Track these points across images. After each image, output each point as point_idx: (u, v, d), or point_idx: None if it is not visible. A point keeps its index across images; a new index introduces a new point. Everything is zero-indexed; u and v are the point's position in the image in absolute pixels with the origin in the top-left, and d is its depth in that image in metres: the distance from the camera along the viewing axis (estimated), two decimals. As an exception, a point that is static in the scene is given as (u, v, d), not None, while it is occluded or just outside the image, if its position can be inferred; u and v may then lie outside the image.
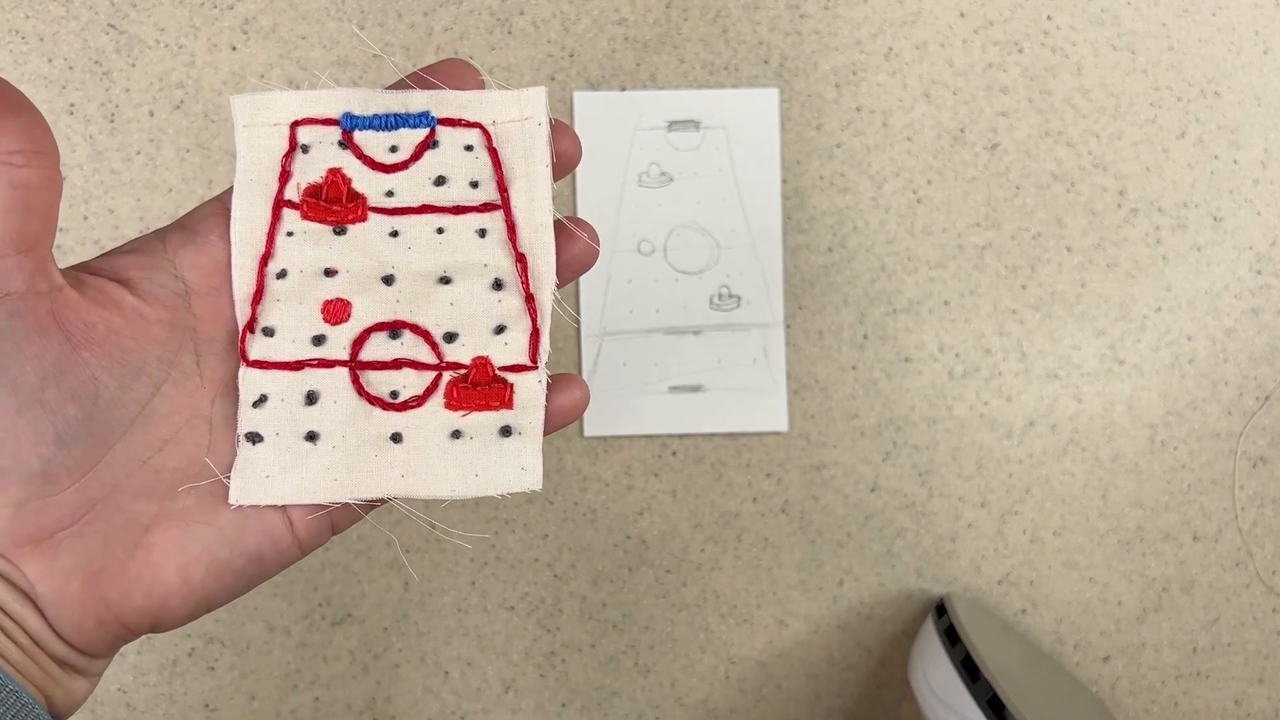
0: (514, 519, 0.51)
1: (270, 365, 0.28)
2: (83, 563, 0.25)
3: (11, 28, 0.49)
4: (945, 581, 0.52)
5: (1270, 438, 0.53)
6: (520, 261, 0.29)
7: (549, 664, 0.51)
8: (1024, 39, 0.52)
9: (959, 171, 0.52)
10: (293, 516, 0.28)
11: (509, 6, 0.51)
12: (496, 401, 0.28)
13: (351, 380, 0.28)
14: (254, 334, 0.28)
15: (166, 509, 0.26)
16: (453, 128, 0.29)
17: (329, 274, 0.29)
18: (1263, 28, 0.53)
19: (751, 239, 0.50)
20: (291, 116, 0.29)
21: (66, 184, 0.50)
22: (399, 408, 0.28)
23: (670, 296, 0.50)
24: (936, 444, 0.52)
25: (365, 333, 0.29)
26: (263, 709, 0.50)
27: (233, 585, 0.27)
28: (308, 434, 0.28)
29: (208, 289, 0.28)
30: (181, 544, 0.26)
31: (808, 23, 0.52)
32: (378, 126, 0.29)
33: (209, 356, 0.28)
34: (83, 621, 0.26)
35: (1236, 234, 0.53)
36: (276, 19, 0.50)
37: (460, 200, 0.29)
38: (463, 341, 0.29)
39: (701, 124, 0.50)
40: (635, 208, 0.50)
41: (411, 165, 0.29)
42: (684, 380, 0.50)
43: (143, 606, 0.26)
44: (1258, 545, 0.53)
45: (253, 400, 0.28)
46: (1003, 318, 0.52)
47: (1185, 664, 0.53)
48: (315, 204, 0.29)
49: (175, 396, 0.27)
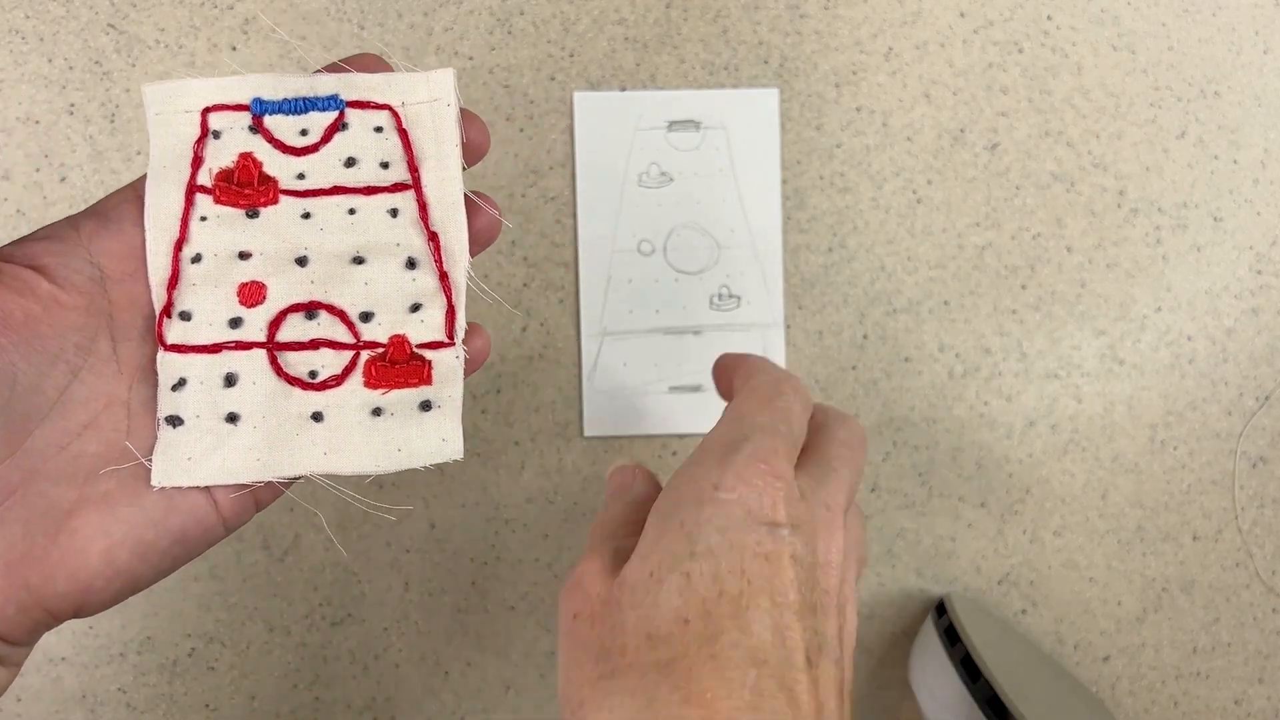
0: (514, 519, 0.51)
1: (188, 349, 0.28)
2: (3, 550, 0.25)
3: (11, 28, 0.49)
4: (945, 581, 0.52)
5: (1270, 438, 0.53)
6: (433, 240, 0.29)
7: (549, 664, 0.51)
8: (1024, 39, 0.52)
9: (959, 172, 0.52)
10: (216, 496, 0.28)
11: (509, 7, 0.51)
12: (415, 378, 0.29)
13: (270, 361, 0.29)
14: (171, 318, 0.28)
15: (88, 493, 0.27)
16: (362, 110, 0.30)
17: (243, 257, 0.29)
18: (1263, 28, 0.53)
19: (751, 239, 0.50)
20: (203, 103, 0.29)
21: (66, 184, 0.50)
22: (318, 387, 0.29)
23: (670, 297, 0.50)
24: (936, 444, 0.52)
25: (281, 314, 0.29)
26: (263, 709, 0.50)
27: (158, 565, 0.27)
28: (228, 415, 0.28)
29: (123, 275, 0.28)
30: (105, 527, 0.26)
31: (808, 23, 0.52)
32: (287, 110, 0.29)
33: (126, 342, 0.28)
34: (4, 608, 0.26)
35: (1236, 234, 0.53)
36: (277, 19, 0.50)
37: (371, 181, 0.30)
38: (379, 320, 0.29)
39: (701, 124, 0.50)
40: (635, 208, 0.50)
41: (322, 148, 0.30)
42: (684, 381, 0.50)
43: (66, 591, 0.26)
44: (1258, 545, 0.53)
45: (172, 384, 0.28)
46: (1002, 318, 0.52)
47: (1185, 664, 0.53)
48: (227, 188, 0.29)
49: (93, 382, 0.27)
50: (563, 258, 0.51)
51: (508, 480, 0.51)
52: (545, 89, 0.51)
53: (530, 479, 0.51)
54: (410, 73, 0.30)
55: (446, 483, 0.51)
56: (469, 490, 0.51)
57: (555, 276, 0.50)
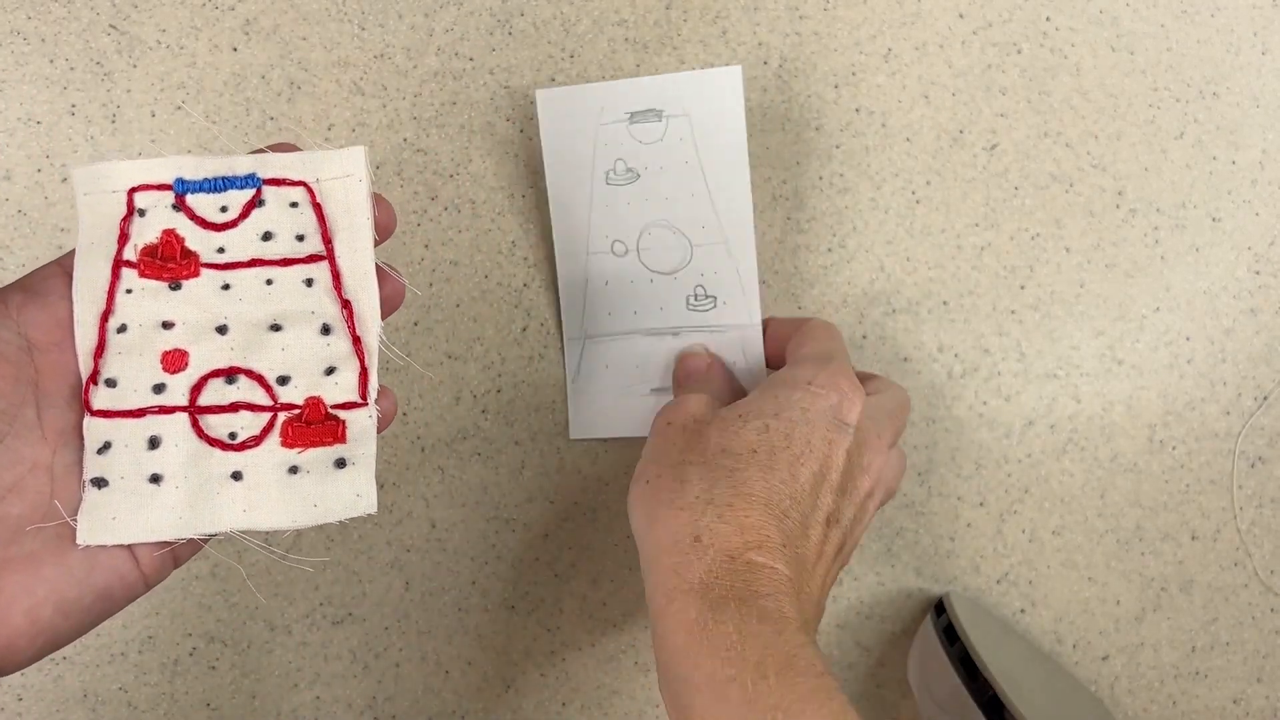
0: (514, 519, 0.51)
1: (113, 414, 0.30)
2: None
3: (13, 28, 0.50)
4: (944, 581, 0.52)
5: (1269, 438, 0.53)
6: (346, 307, 0.31)
7: (549, 663, 0.52)
8: (1023, 40, 0.52)
9: (958, 172, 0.52)
10: (138, 553, 0.29)
11: (509, 7, 0.51)
12: (330, 437, 0.31)
13: (191, 424, 0.30)
14: (97, 385, 0.30)
15: (12, 554, 0.27)
16: (278, 187, 0.32)
17: (166, 326, 0.31)
18: (1261, 29, 0.53)
19: (724, 235, 0.47)
20: (129, 183, 0.31)
21: (67, 185, 0.50)
22: (238, 448, 0.30)
23: (647, 298, 0.47)
24: (935, 444, 0.52)
25: (203, 379, 0.31)
26: (264, 708, 0.50)
27: (81, 622, 0.28)
28: (151, 476, 0.30)
29: (49, 345, 0.29)
30: (28, 586, 0.27)
31: (807, 24, 0.52)
32: (207, 189, 0.31)
33: (50, 409, 0.29)
34: None
35: (1235, 234, 0.53)
36: (278, 20, 0.50)
37: (287, 253, 0.31)
38: (295, 383, 0.31)
39: (664, 113, 0.46)
40: (606, 207, 0.47)
41: (240, 223, 0.31)
42: (666, 382, 0.48)
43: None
44: (1256, 545, 0.53)
45: (97, 447, 0.29)
46: (1001, 318, 0.52)
47: (1184, 663, 0.53)
48: (151, 262, 0.31)
49: (17, 448, 0.28)
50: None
51: (508, 480, 0.51)
52: (545, 90, 0.51)
53: (530, 479, 0.51)
54: (323, 150, 0.32)
55: (447, 483, 0.51)
56: (469, 490, 0.51)
57: (555, 276, 0.51)
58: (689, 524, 0.33)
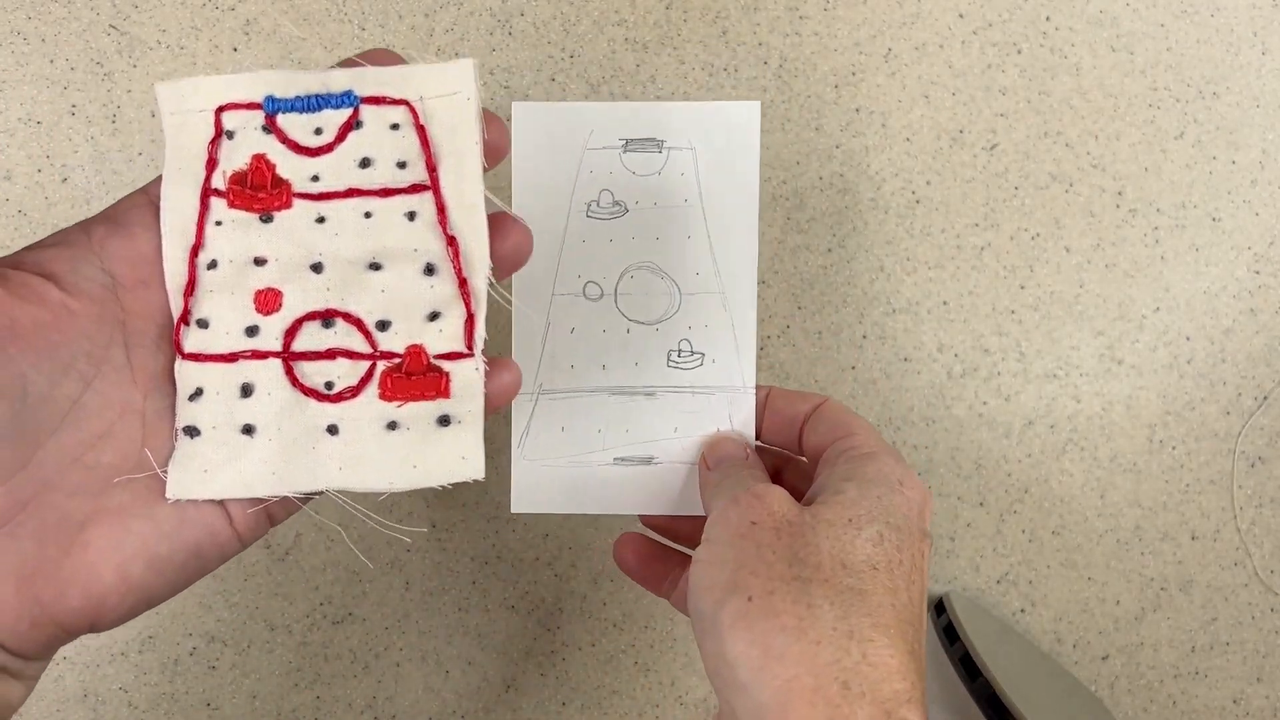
0: (514, 519, 0.51)
1: (205, 358, 0.28)
2: (15, 564, 0.25)
3: (13, 29, 0.50)
4: (944, 580, 0.52)
5: (1268, 437, 0.53)
6: (451, 245, 0.28)
7: (549, 663, 0.52)
8: (1023, 40, 0.52)
9: (958, 172, 0.52)
10: (231, 510, 0.27)
11: (509, 8, 0.51)
12: (432, 391, 0.28)
13: (285, 372, 0.28)
14: (188, 326, 0.28)
15: (102, 505, 0.26)
16: (377, 106, 0.28)
17: (259, 263, 0.28)
18: (1261, 29, 0.53)
19: (721, 286, 0.41)
20: (216, 102, 0.28)
21: (68, 184, 0.50)
22: (334, 399, 0.28)
23: (621, 350, 0.41)
24: (935, 443, 0.52)
25: (297, 322, 0.28)
26: (264, 708, 0.50)
27: (173, 580, 0.27)
28: (244, 427, 0.27)
29: (135, 282, 0.27)
30: (118, 541, 0.26)
31: (807, 24, 0.52)
32: (300, 109, 0.28)
33: (139, 350, 0.27)
34: (17, 625, 0.25)
35: (1234, 234, 0.53)
36: (278, 20, 0.50)
37: (387, 182, 0.28)
38: (396, 329, 0.28)
39: (665, 143, 0.41)
40: (582, 243, 0.41)
41: (336, 147, 0.28)
42: (632, 451, 0.41)
43: (80, 607, 0.26)
44: (1255, 545, 0.53)
45: (189, 394, 0.27)
46: (1001, 318, 0.52)
47: (1183, 663, 0.53)
48: (241, 191, 0.28)
49: (107, 392, 0.26)
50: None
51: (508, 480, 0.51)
52: (546, 90, 0.51)
53: (530, 479, 0.51)
54: (427, 65, 0.28)
55: (447, 482, 0.51)
56: (469, 490, 0.51)
57: (555, 277, 0.51)
58: (832, 664, 0.27)
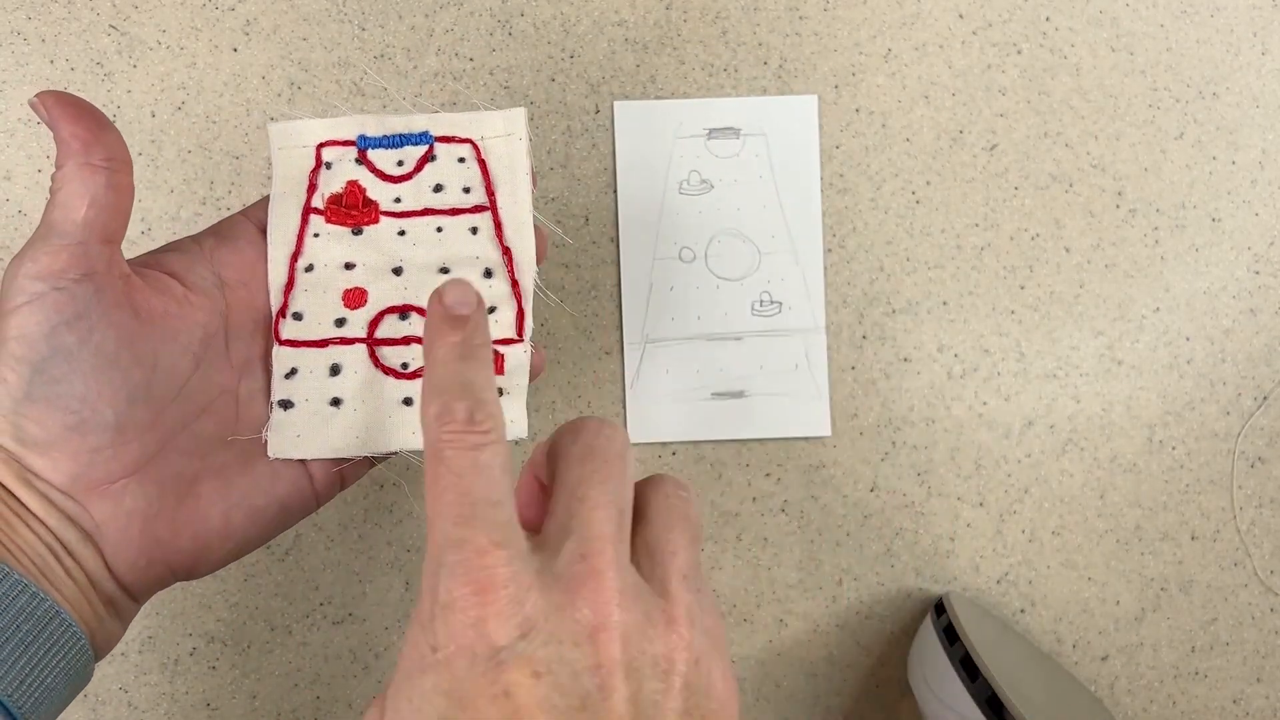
0: (514, 519, 0.51)
1: (300, 343, 0.33)
2: (142, 506, 0.29)
3: (13, 29, 0.50)
4: (944, 581, 0.52)
5: (1268, 438, 0.53)
6: (506, 254, 0.34)
7: (549, 663, 0.52)
8: (1022, 40, 0.52)
9: (957, 172, 0.52)
10: (313, 470, 0.33)
11: (509, 8, 0.51)
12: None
13: (369, 354, 0.33)
14: (285, 318, 0.33)
15: (207, 465, 0.31)
16: (448, 144, 0.35)
17: (348, 267, 0.34)
18: (1261, 29, 0.53)
19: (793, 245, 0.50)
20: (317, 139, 0.35)
21: (68, 185, 0.50)
22: (409, 376, 0.33)
23: (712, 303, 0.50)
24: (935, 444, 0.52)
25: (379, 315, 0.34)
26: (264, 708, 0.50)
27: (264, 530, 0.32)
28: (332, 400, 0.33)
29: (238, 283, 0.33)
30: (224, 493, 0.31)
31: (807, 24, 0.52)
32: (387, 145, 0.35)
33: (236, 340, 0.33)
34: (137, 559, 0.29)
35: (1234, 235, 0.53)
36: (278, 20, 0.50)
37: (455, 204, 0.35)
38: None
39: (741, 131, 0.50)
40: (675, 215, 0.50)
41: (414, 176, 0.35)
42: (727, 387, 0.50)
43: (189, 548, 0.30)
44: (1256, 545, 0.53)
45: (285, 373, 0.33)
46: (1001, 318, 0.52)
47: (1183, 663, 0.53)
48: (337, 209, 0.34)
49: (210, 374, 0.32)
50: (563, 258, 0.51)
51: (508, 480, 0.51)
52: (545, 90, 0.51)
53: (530, 479, 0.51)
54: (488, 111, 0.35)
55: (447, 482, 0.51)
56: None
57: (555, 277, 0.51)
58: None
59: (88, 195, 0.28)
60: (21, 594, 0.27)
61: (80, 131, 0.28)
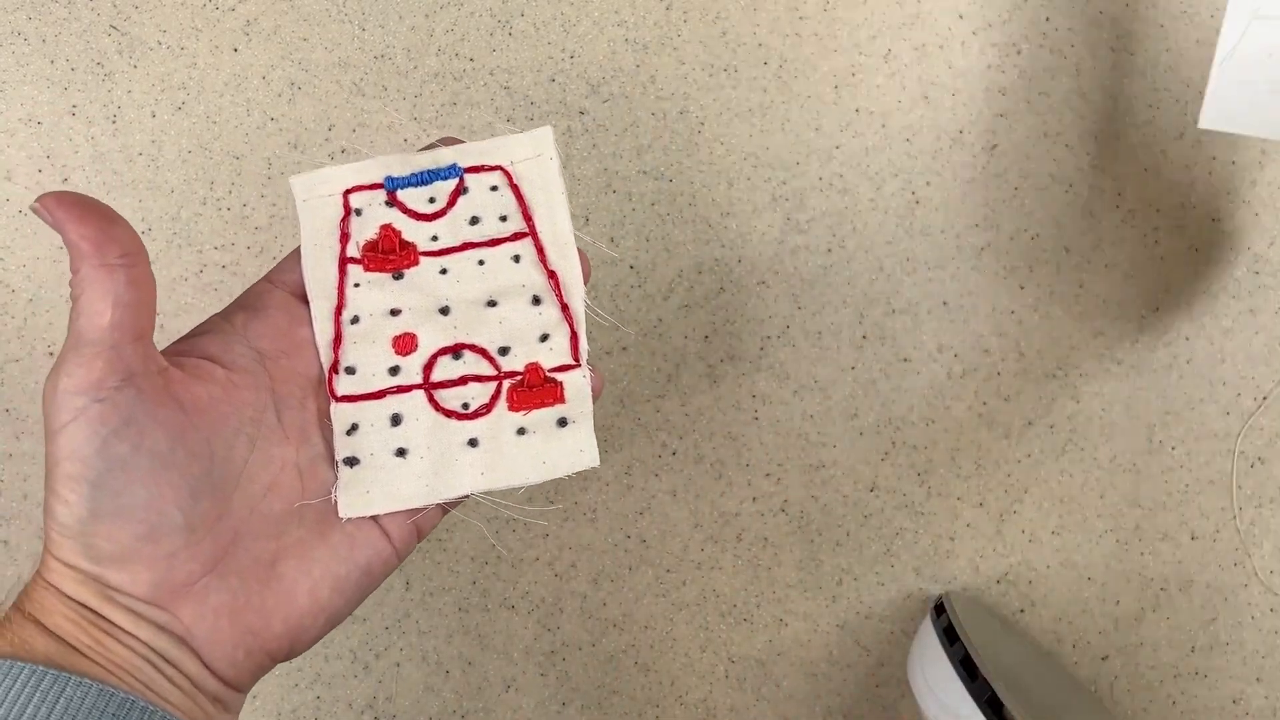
0: (514, 519, 0.51)
1: (357, 398, 0.32)
2: (227, 601, 0.29)
3: (14, 29, 0.50)
4: (944, 580, 0.52)
5: (1268, 438, 0.53)
6: (552, 278, 0.33)
7: (549, 663, 0.52)
8: (1022, 41, 0.52)
9: (957, 173, 0.52)
10: (388, 528, 0.32)
11: (509, 8, 0.51)
12: (550, 398, 0.33)
13: (428, 399, 0.33)
14: (338, 373, 0.32)
15: (284, 544, 0.30)
16: (478, 174, 0.34)
17: (394, 313, 0.33)
18: (1260, 29, 0.53)
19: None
20: (343, 186, 0.33)
21: (68, 185, 0.50)
22: (471, 416, 0.33)
23: None
24: (935, 444, 0.52)
25: (433, 358, 0.33)
26: (265, 708, 0.50)
27: (351, 599, 0.31)
28: (397, 450, 0.32)
29: (277, 353, 0.32)
30: (306, 569, 0.30)
31: (807, 24, 0.52)
32: (415, 183, 0.34)
33: (287, 411, 0.32)
34: (234, 654, 0.29)
35: (1234, 234, 0.53)
36: (278, 20, 0.50)
37: (494, 234, 0.34)
38: (515, 352, 0.33)
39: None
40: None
41: (449, 211, 0.34)
42: None
43: (282, 631, 0.30)
44: (1255, 545, 0.53)
45: (345, 429, 0.32)
46: (1001, 318, 0.52)
47: (1183, 663, 0.53)
48: (375, 256, 0.33)
49: (267, 450, 0.31)
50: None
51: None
52: (546, 90, 0.51)
53: (530, 479, 0.51)
54: (514, 135, 0.34)
55: (447, 482, 0.51)
56: (469, 490, 0.51)
57: (555, 277, 0.51)
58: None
59: (110, 297, 0.27)
60: (132, 710, 0.26)
61: (89, 232, 0.27)
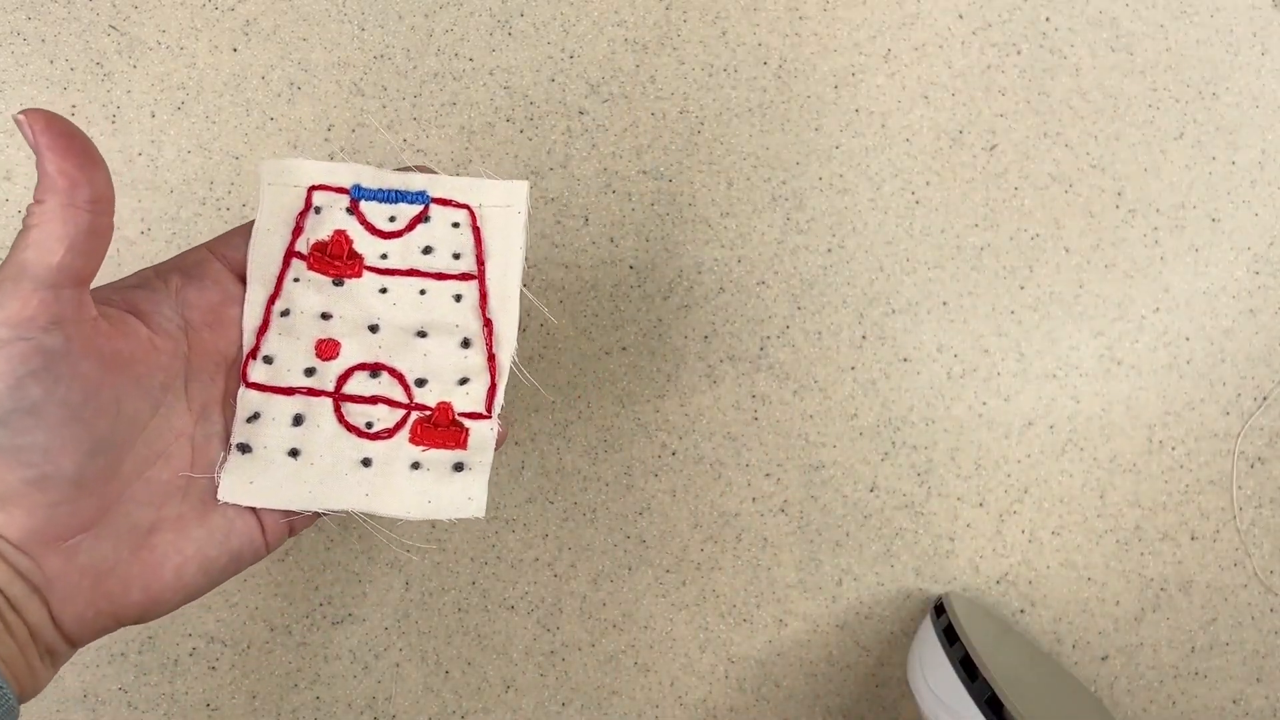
0: (514, 519, 0.51)
1: (267, 388, 0.32)
2: (95, 562, 0.28)
3: (13, 29, 0.50)
4: (944, 581, 0.52)
5: (1268, 438, 0.53)
6: (487, 326, 0.34)
7: (549, 663, 0.52)
8: (1022, 40, 0.52)
9: (957, 173, 0.52)
10: (264, 521, 0.32)
11: (509, 8, 0.51)
12: (453, 442, 0.33)
13: (334, 409, 0.33)
14: (256, 360, 0.32)
15: (163, 515, 0.30)
16: (444, 206, 0.34)
17: (325, 317, 0.33)
18: (1260, 29, 0.53)
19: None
20: (310, 181, 0.34)
21: (68, 185, 0.50)
22: (371, 437, 0.33)
23: None
24: (935, 444, 0.52)
25: (350, 370, 0.33)
26: (264, 708, 0.50)
27: (214, 580, 0.31)
28: (291, 450, 0.32)
29: (202, 325, 0.31)
30: (179, 546, 0.30)
31: (807, 24, 0.52)
32: (381, 199, 0.34)
33: (195, 383, 0.31)
34: (85, 612, 0.28)
35: (1234, 235, 0.53)
36: (278, 20, 0.50)
37: (443, 268, 0.34)
38: (431, 387, 0.33)
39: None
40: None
41: (405, 234, 0.34)
42: None
43: (139, 600, 0.29)
44: (1255, 545, 0.53)
45: (247, 416, 0.32)
46: (1001, 318, 0.52)
47: (1183, 663, 0.53)
48: (321, 258, 0.33)
49: (168, 417, 0.30)
50: (562, 258, 0.51)
51: (508, 480, 0.51)
52: (545, 90, 0.51)
53: (530, 479, 0.51)
54: (490, 180, 0.34)
55: (447, 483, 0.51)
56: (469, 490, 0.51)
57: (555, 277, 0.51)
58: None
59: (67, 240, 0.26)
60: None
61: (68, 168, 0.26)
